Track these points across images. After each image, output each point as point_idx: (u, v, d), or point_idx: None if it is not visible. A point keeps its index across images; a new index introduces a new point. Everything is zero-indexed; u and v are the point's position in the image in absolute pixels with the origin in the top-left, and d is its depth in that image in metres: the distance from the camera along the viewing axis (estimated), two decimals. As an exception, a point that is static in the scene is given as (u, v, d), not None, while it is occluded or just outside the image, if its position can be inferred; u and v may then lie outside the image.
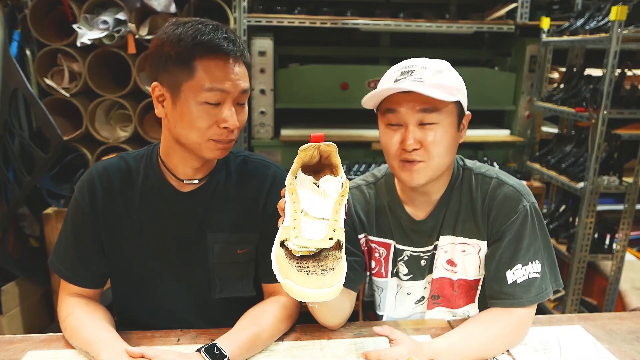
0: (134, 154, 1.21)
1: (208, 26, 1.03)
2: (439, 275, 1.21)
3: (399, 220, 1.21)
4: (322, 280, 0.79)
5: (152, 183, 1.16)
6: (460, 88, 1.09)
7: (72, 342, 1.08)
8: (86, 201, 1.14)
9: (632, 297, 2.59)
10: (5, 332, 2.34)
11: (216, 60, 1.02)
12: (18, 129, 2.30)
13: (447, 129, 1.07)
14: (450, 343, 1.05)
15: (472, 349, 1.05)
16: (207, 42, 1.01)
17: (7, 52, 2.25)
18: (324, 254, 0.84)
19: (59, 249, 1.18)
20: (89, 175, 1.16)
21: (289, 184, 0.91)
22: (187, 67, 1.01)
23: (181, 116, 1.04)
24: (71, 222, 1.16)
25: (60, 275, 1.17)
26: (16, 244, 2.54)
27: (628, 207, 2.48)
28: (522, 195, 1.13)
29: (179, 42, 1.01)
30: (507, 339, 1.10)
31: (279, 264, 0.82)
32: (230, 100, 1.05)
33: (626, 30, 2.17)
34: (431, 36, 3.37)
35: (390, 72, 1.10)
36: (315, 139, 0.96)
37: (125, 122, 2.56)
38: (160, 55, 1.04)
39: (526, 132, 3.00)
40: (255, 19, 2.60)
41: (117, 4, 2.32)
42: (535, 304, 1.12)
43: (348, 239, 1.21)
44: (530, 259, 1.11)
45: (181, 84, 1.02)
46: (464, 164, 1.20)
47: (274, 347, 1.11)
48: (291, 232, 0.83)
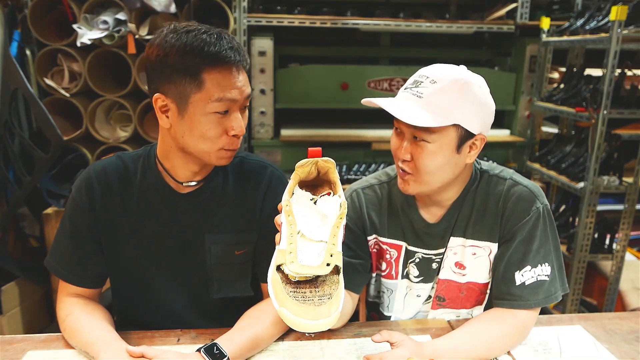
0: (131, 154, 1.21)
1: (212, 35, 1.02)
2: (446, 277, 1.21)
3: (411, 222, 1.21)
4: (318, 311, 0.77)
5: (149, 184, 1.16)
6: (463, 110, 1.02)
7: (72, 342, 1.08)
8: (84, 201, 1.14)
9: (632, 297, 2.59)
10: (5, 332, 2.34)
11: (223, 72, 1.02)
12: (18, 129, 2.30)
13: (443, 150, 1.04)
14: (452, 343, 1.05)
15: (474, 349, 1.05)
16: (214, 54, 1.00)
17: (7, 52, 2.25)
18: (321, 279, 0.82)
19: (57, 249, 1.18)
20: (87, 175, 1.16)
21: (286, 205, 0.89)
22: (195, 79, 1.01)
23: (190, 127, 1.04)
24: (69, 222, 1.16)
25: (58, 275, 1.17)
26: (16, 244, 2.54)
27: (628, 207, 2.48)
28: (536, 197, 1.12)
29: (185, 53, 1.00)
30: (509, 340, 1.10)
31: (275, 290, 0.80)
32: (238, 107, 1.06)
33: (626, 30, 2.17)
34: (431, 36, 3.37)
35: (414, 75, 1.09)
36: (312, 153, 0.94)
37: (125, 122, 2.56)
38: (163, 66, 1.02)
39: (526, 132, 3.00)
40: (255, 19, 2.60)
41: (117, 4, 2.31)
42: (541, 307, 1.12)
43: (355, 240, 1.21)
44: (540, 262, 1.11)
45: (189, 96, 1.02)
46: (481, 167, 1.19)
47: (274, 347, 1.11)
48: (287, 257, 0.81)
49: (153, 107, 1.07)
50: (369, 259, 1.24)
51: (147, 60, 1.05)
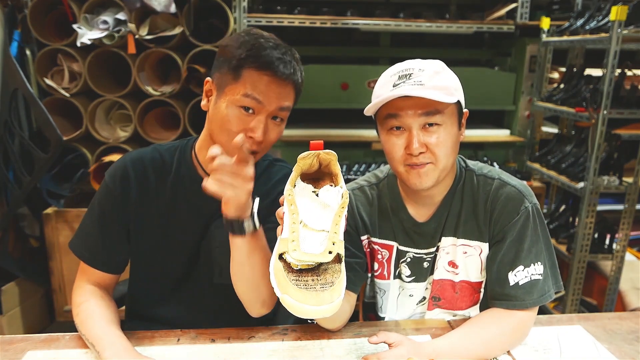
0: (167, 146, 1.24)
1: (269, 42, 1.08)
2: (440, 277, 1.21)
3: (401, 222, 1.21)
4: (321, 297, 0.77)
5: (183, 175, 1.19)
6: (457, 87, 1.08)
7: (81, 330, 1.09)
8: (118, 188, 1.16)
9: (632, 297, 2.59)
10: (5, 332, 2.34)
11: (262, 75, 1.05)
12: (18, 129, 2.30)
13: (450, 129, 1.07)
14: (451, 343, 1.05)
15: (473, 349, 1.05)
16: (260, 57, 1.05)
17: (7, 52, 2.25)
18: (323, 268, 0.83)
19: (82, 232, 1.20)
20: (122, 163, 1.18)
21: (288, 194, 0.90)
22: (236, 73, 1.06)
23: (216, 114, 1.09)
24: (98, 206, 1.18)
25: (81, 257, 1.18)
26: (16, 244, 2.54)
27: (628, 207, 2.48)
28: (524, 196, 1.12)
29: (238, 49, 1.06)
30: (507, 340, 1.10)
31: (277, 278, 0.81)
32: (265, 112, 1.07)
33: (626, 30, 2.17)
34: (431, 36, 3.37)
35: (386, 77, 1.08)
36: (314, 146, 0.95)
37: (125, 122, 2.56)
38: (220, 56, 1.10)
39: (526, 132, 3.00)
40: (255, 19, 2.60)
41: (117, 4, 2.32)
42: (537, 306, 1.11)
43: (350, 240, 1.20)
44: (532, 261, 1.11)
45: (226, 85, 1.07)
46: (466, 165, 1.20)
47: (274, 347, 1.11)
48: (290, 245, 0.82)
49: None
50: (365, 258, 1.24)
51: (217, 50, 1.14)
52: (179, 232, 1.19)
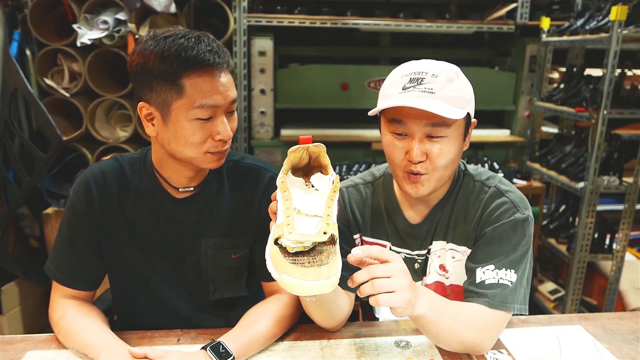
0: (128, 157, 1.20)
1: (190, 39, 1.00)
2: (433, 280, 1.20)
3: (394, 223, 1.20)
4: (318, 272, 0.78)
5: (146, 188, 1.16)
6: (470, 98, 1.04)
7: (68, 344, 1.08)
8: (82, 203, 1.14)
9: (632, 297, 2.59)
10: (5, 332, 2.34)
11: (203, 76, 1.00)
12: (18, 129, 2.30)
13: (455, 141, 1.03)
14: (440, 305, 0.99)
15: (444, 321, 0.99)
16: (192, 58, 0.99)
17: (7, 52, 2.25)
18: (319, 249, 0.84)
19: (55, 252, 1.18)
20: (85, 178, 1.16)
21: (281, 182, 0.91)
22: (175, 86, 0.99)
23: (175, 134, 1.03)
24: (67, 225, 1.16)
25: (54, 278, 1.17)
26: (16, 244, 2.54)
27: (628, 207, 2.48)
28: (517, 208, 1.09)
29: (163, 59, 0.98)
30: (475, 332, 1.03)
31: (273, 261, 0.82)
32: (222, 112, 1.05)
33: (626, 30, 2.17)
34: (431, 36, 3.37)
35: (397, 76, 1.04)
36: (303, 141, 0.96)
37: (125, 122, 2.56)
38: (143, 74, 1.01)
39: (526, 132, 3.00)
40: (255, 19, 2.60)
41: (117, 4, 2.31)
42: (501, 311, 1.04)
43: (343, 238, 1.20)
44: (505, 266, 1.06)
45: (170, 103, 1.01)
46: (465, 170, 1.18)
47: (274, 347, 1.11)
48: (285, 229, 0.83)
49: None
50: None
51: (130, 69, 1.04)
52: (152, 246, 1.17)
